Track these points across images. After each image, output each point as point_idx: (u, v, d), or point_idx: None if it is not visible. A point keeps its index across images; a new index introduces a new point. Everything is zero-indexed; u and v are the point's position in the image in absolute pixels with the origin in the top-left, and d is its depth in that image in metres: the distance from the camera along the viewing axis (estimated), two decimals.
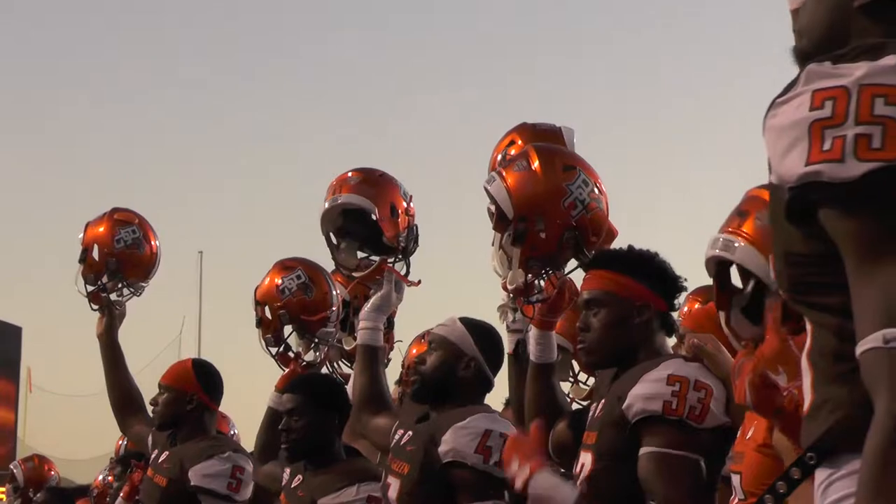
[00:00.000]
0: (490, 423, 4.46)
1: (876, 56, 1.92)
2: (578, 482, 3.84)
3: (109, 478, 8.69)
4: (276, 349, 5.96)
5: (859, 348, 1.89)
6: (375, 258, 5.52)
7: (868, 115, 1.87)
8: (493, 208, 4.44)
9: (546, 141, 4.78)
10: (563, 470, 4.42)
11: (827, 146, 1.88)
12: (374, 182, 5.50)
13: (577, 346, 4.14)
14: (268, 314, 5.97)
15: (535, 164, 4.35)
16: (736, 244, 3.53)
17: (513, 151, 4.83)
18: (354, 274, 5.55)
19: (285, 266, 5.98)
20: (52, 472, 9.73)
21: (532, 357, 4.43)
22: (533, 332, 4.40)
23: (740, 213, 3.65)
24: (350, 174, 5.57)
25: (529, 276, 4.31)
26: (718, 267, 3.55)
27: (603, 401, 3.82)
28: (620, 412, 3.61)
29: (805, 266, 1.99)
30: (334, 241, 5.54)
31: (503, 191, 4.31)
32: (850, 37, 2.09)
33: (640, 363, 3.68)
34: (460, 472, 4.43)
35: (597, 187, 4.41)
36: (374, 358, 5.15)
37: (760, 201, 3.61)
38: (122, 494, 7.35)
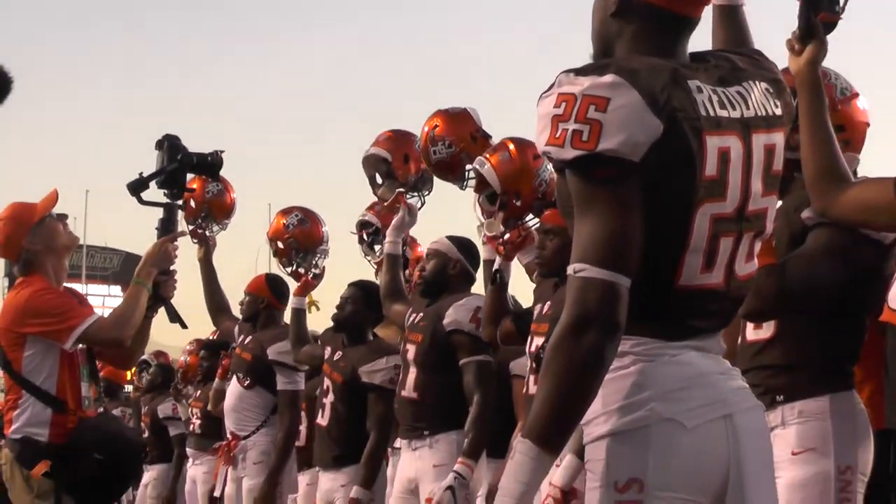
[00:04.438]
0: (480, 301, 4.82)
1: (601, 73, 2.03)
2: (534, 356, 4.22)
3: (189, 359, 9.34)
4: (289, 268, 6.37)
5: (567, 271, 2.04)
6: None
7: (583, 117, 2.01)
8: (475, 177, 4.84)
9: (458, 118, 5.24)
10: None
11: (557, 134, 2.03)
12: (394, 138, 5.77)
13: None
14: (280, 245, 6.34)
15: (514, 154, 4.71)
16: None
17: (437, 131, 5.22)
18: (385, 204, 5.70)
19: (286, 211, 6.46)
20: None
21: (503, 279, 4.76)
22: (502, 262, 4.72)
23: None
24: (384, 132, 5.84)
25: (503, 228, 4.67)
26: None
27: (549, 301, 4.25)
28: None
29: (566, 198, 2.13)
30: (378, 180, 5.73)
31: (492, 171, 4.67)
32: (613, 42, 2.23)
33: None
34: (459, 336, 4.82)
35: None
36: (394, 263, 5.45)
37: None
38: (217, 375, 7.73)
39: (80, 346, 4.41)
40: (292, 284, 6.47)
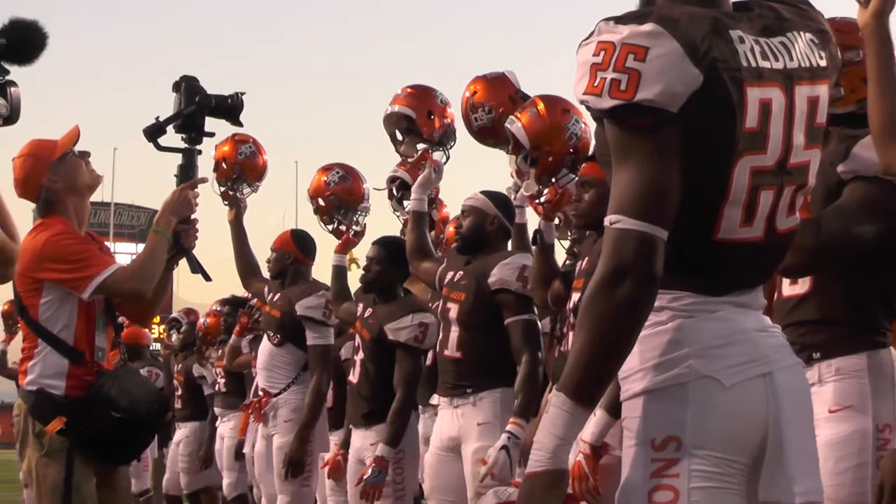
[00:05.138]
0: (526, 260, 4.77)
1: (641, 22, 2.01)
2: (574, 310, 4.16)
3: (209, 321, 9.22)
4: (331, 226, 6.38)
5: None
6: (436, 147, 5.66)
7: (622, 66, 1.98)
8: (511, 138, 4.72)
9: (496, 82, 5.26)
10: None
11: (595, 83, 2.01)
12: (416, 94, 5.72)
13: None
14: (321, 203, 6.35)
15: (543, 110, 4.68)
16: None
17: (476, 97, 5.23)
18: (409, 160, 5.75)
19: (327, 168, 6.48)
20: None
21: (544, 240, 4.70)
22: (541, 223, 4.63)
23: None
24: (403, 88, 5.79)
25: (539, 186, 4.63)
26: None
27: (587, 257, 4.19)
28: None
29: (605, 147, 2.11)
30: (399, 137, 5.71)
31: (521, 129, 4.64)
32: None
33: None
34: (505, 295, 4.79)
35: (583, 122, 4.68)
36: (420, 220, 5.42)
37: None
38: (234, 332, 7.97)
39: (98, 295, 4.18)
40: (322, 241, 6.46)
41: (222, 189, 6.75)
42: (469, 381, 4.84)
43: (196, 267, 4.31)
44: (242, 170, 6.77)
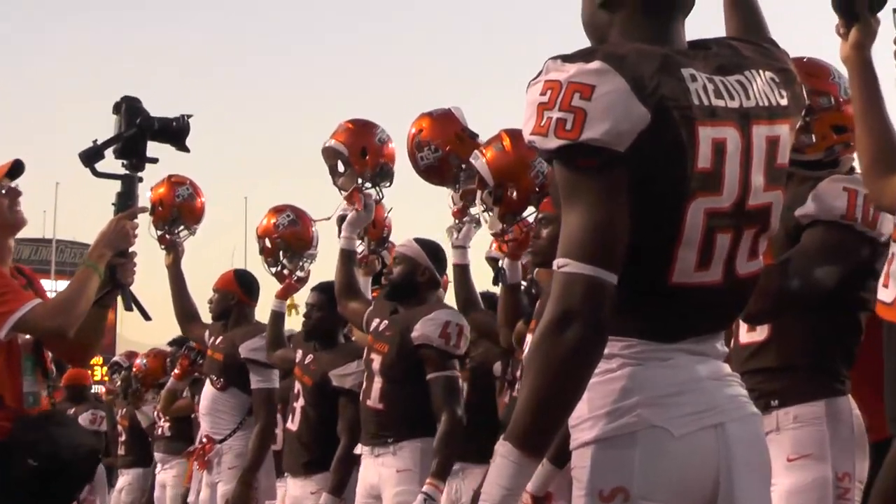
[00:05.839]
0: (449, 316, 4.79)
1: (588, 60, 1.96)
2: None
3: (147, 362, 9.12)
4: (274, 269, 6.27)
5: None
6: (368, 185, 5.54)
7: (567, 105, 1.94)
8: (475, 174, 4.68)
9: (442, 120, 5.17)
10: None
11: (542, 123, 1.96)
12: (353, 130, 5.58)
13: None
14: (268, 244, 6.24)
15: (508, 146, 4.58)
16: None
17: (422, 136, 5.15)
18: (344, 196, 5.52)
19: (278, 210, 6.37)
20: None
21: (508, 279, 4.71)
22: (506, 262, 4.65)
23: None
24: (345, 122, 5.64)
25: (503, 225, 4.57)
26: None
27: (542, 299, 4.03)
28: None
29: (556, 189, 2.04)
30: (341, 169, 5.54)
31: (485, 166, 4.56)
32: (606, 32, 2.16)
33: None
34: (427, 350, 4.76)
35: None
36: (349, 259, 5.39)
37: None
38: (173, 376, 7.80)
39: (16, 333, 3.88)
40: (267, 282, 6.36)
41: (159, 233, 6.65)
42: (390, 431, 4.83)
43: (132, 304, 3.98)
44: (180, 212, 6.70)
